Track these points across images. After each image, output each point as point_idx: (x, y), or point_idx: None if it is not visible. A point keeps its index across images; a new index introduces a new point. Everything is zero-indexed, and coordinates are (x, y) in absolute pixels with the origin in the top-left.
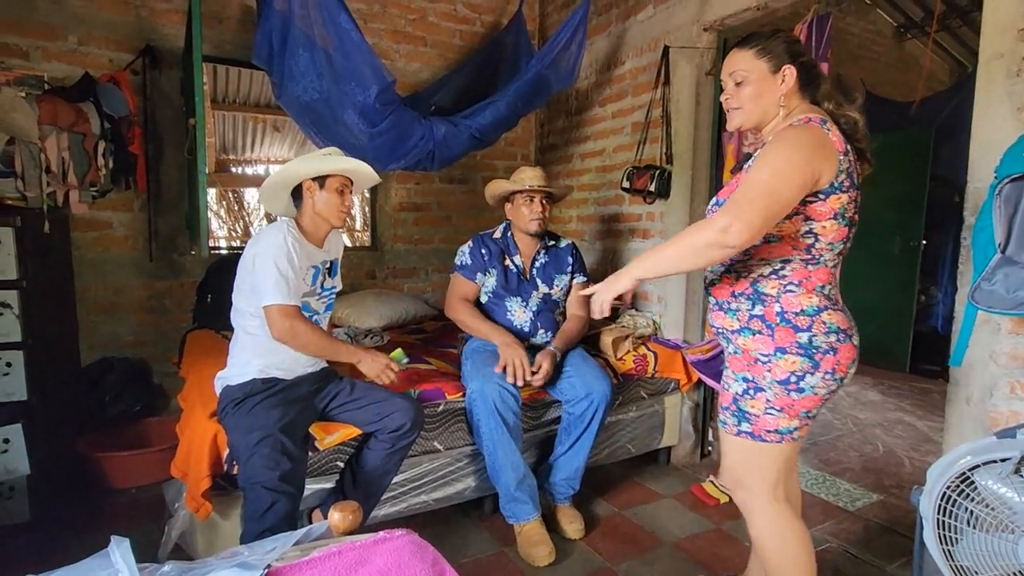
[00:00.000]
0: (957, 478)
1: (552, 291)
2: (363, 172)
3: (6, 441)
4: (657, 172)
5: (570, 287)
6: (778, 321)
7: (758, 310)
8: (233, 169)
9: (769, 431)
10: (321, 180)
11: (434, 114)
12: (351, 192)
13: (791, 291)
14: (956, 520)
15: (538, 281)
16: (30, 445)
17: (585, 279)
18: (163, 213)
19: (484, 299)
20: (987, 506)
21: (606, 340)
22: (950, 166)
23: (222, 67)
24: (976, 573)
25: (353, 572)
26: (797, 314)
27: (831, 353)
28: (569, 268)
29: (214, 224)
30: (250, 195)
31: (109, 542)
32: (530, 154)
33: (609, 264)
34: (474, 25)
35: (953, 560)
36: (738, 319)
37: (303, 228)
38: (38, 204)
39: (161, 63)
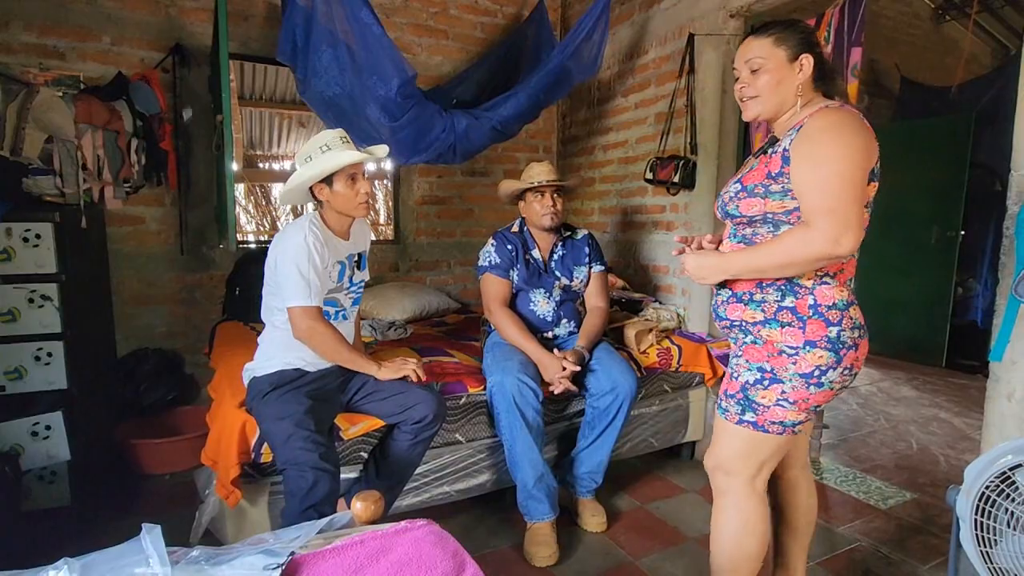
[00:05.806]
0: (997, 478)
1: (572, 283)
2: (359, 156)
3: (48, 428)
4: (681, 163)
5: (590, 278)
6: (811, 314)
7: (788, 302)
8: (260, 165)
9: (774, 423)
10: (327, 178)
11: (456, 107)
12: (364, 175)
13: (826, 283)
14: (995, 521)
15: (557, 273)
16: (70, 432)
17: (603, 268)
18: (193, 208)
19: None
20: None
21: (629, 333)
22: (991, 153)
23: (248, 64)
24: None
25: (375, 560)
26: (829, 308)
27: (853, 349)
28: (587, 259)
29: (242, 219)
30: (277, 190)
31: (142, 528)
32: (552, 146)
33: (632, 256)
34: (496, 17)
35: (991, 562)
36: (763, 311)
37: (327, 222)
38: (75, 200)
39: (190, 61)
